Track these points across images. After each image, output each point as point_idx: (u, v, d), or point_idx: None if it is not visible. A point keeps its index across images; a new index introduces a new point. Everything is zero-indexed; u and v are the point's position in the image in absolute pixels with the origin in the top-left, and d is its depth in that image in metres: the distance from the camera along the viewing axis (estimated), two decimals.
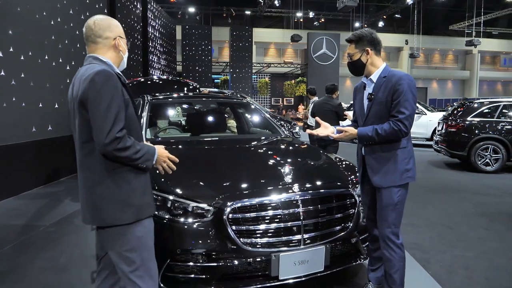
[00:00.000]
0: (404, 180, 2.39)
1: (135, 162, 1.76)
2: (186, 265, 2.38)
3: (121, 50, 1.92)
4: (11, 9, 5.61)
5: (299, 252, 2.46)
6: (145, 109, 4.09)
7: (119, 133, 1.68)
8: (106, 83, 1.70)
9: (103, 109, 1.67)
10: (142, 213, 1.84)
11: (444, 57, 36.46)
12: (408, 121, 2.28)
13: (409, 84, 2.30)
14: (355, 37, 2.43)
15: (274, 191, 2.53)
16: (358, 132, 2.36)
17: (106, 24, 1.87)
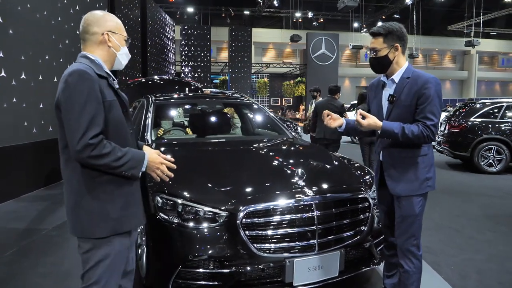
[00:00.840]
0: (424, 189, 2.25)
1: (116, 171, 1.60)
2: (198, 272, 2.31)
3: (112, 46, 1.74)
4: (12, 9, 5.52)
5: (313, 258, 2.40)
6: (149, 110, 4.01)
7: (92, 139, 1.52)
8: (80, 84, 1.56)
9: (76, 112, 1.53)
10: (120, 228, 1.66)
11: (442, 57, 36.52)
12: (436, 128, 2.14)
13: (436, 87, 2.14)
14: (384, 30, 2.18)
15: (287, 195, 2.47)
16: (382, 125, 2.14)
17: (94, 18, 1.73)
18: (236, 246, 2.32)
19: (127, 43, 1.83)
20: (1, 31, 5.27)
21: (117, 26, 1.77)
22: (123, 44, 1.80)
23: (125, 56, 1.83)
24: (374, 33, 2.22)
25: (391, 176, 2.29)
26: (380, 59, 2.22)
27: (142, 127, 3.78)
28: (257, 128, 4.79)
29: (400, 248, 2.31)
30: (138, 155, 1.67)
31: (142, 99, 4.59)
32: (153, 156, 1.73)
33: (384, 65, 2.24)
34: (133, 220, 1.73)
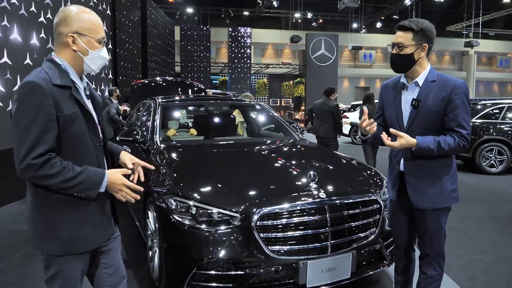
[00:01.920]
0: (450, 202, 2.14)
1: (67, 191, 1.47)
2: (212, 274, 2.32)
3: (78, 50, 1.55)
4: (15, 12, 5.52)
5: (326, 260, 2.42)
6: (157, 111, 4.02)
7: (35, 159, 1.39)
8: (28, 99, 1.41)
9: (21, 129, 1.40)
10: (73, 249, 1.55)
11: (441, 58, 36.57)
12: (470, 136, 2.02)
13: (466, 93, 2.02)
14: (417, 26, 2.00)
15: (301, 197, 2.49)
16: (417, 143, 1.98)
17: (63, 16, 1.54)
18: (250, 248, 2.33)
19: (102, 45, 1.62)
20: (5, 33, 5.27)
21: (88, 26, 1.56)
22: (93, 47, 1.58)
23: (96, 59, 1.61)
24: (404, 27, 2.03)
25: (415, 188, 2.13)
26: (404, 57, 2.04)
27: (151, 129, 3.78)
28: (263, 129, 4.81)
29: (427, 259, 2.24)
30: (96, 175, 1.52)
31: (148, 101, 4.60)
32: (114, 176, 1.56)
33: (407, 64, 2.06)
34: (88, 242, 1.59)
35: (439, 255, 2.22)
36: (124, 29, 10.74)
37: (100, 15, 8.57)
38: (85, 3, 7.81)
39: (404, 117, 2.13)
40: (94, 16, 1.61)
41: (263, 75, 31.63)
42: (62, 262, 1.55)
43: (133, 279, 3.08)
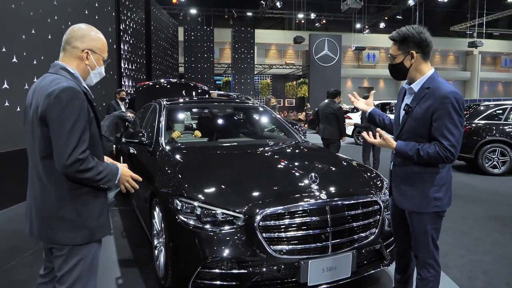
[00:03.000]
0: (431, 208, 2.13)
1: (97, 183, 1.71)
2: (216, 272, 2.40)
3: (89, 65, 1.81)
4: (24, 14, 5.63)
5: (327, 259, 2.48)
6: (162, 114, 4.10)
7: (81, 154, 1.61)
8: (73, 102, 1.62)
9: (67, 129, 1.60)
10: (95, 236, 1.77)
11: (444, 58, 36.50)
12: (455, 148, 1.99)
13: (456, 103, 1.97)
14: (399, 36, 2.08)
15: (302, 198, 2.56)
16: (396, 147, 2.10)
17: (81, 33, 1.78)
18: (253, 248, 2.41)
19: (104, 63, 1.89)
20: (15, 36, 5.37)
21: (100, 46, 1.83)
22: (100, 64, 1.85)
23: (98, 75, 1.88)
24: (390, 38, 2.15)
25: (397, 186, 2.24)
26: (397, 66, 2.14)
27: (156, 131, 3.87)
28: (266, 131, 4.88)
29: (418, 260, 2.28)
30: (114, 168, 1.78)
31: (153, 103, 4.68)
32: (125, 169, 1.85)
33: (401, 73, 2.15)
34: (104, 229, 1.83)
35: (428, 258, 2.23)
36: (129, 31, 10.85)
37: (105, 16, 8.68)
38: (91, 4, 7.92)
39: (400, 121, 2.22)
40: (104, 39, 1.87)
41: (267, 76, 31.69)
42: (86, 250, 1.75)
43: (139, 278, 3.17)
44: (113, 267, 3.38)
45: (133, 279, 3.16)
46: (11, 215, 5.03)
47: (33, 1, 5.88)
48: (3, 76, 5.14)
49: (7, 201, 5.29)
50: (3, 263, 3.47)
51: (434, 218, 2.18)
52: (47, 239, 1.75)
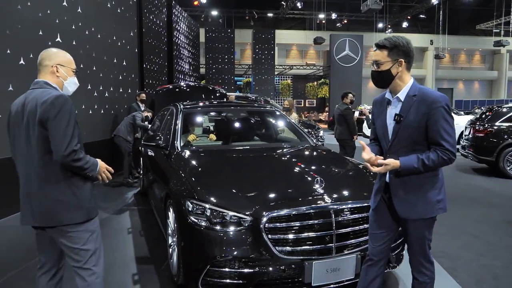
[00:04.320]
0: (435, 212, 2.16)
1: (84, 171, 2.10)
2: (224, 271, 2.53)
3: (60, 76, 2.19)
4: (50, 22, 5.93)
5: (331, 260, 2.58)
6: (178, 117, 4.28)
7: (75, 146, 2.02)
8: (65, 105, 2.02)
9: (63, 126, 1.99)
10: (91, 214, 2.18)
11: (470, 57, 35.63)
12: (454, 147, 2.05)
13: (445, 106, 2.05)
14: (390, 43, 2.12)
15: (307, 201, 2.66)
16: (401, 165, 2.07)
17: (46, 54, 2.20)
18: (259, 248, 2.53)
19: (75, 74, 2.28)
20: (41, 41, 5.68)
21: (66, 60, 2.23)
22: (70, 75, 2.24)
23: (73, 84, 2.28)
24: (379, 45, 2.17)
25: (399, 198, 2.18)
26: (383, 73, 2.15)
27: (172, 134, 4.04)
28: (280, 134, 4.99)
29: (414, 265, 2.29)
30: (95, 161, 2.17)
31: (171, 107, 4.87)
32: (101, 163, 2.23)
33: (386, 80, 2.16)
34: (95, 210, 2.23)
35: (426, 262, 2.26)
36: (151, 34, 11.12)
37: (127, 21, 8.97)
38: (112, 9, 8.20)
39: (389, 132, 2.20)
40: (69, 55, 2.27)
41: (287, 76, 31.71)
42: (90, 226, 2.17)
43: (154, 274, 3.34)
44: (130, 264, 3.56)
45: (148, 275, 3.33)
46: None
47: (59, 9, 6.18)
48: (30, 81, 5.42)
49: None
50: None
51: (431, 223, 2.21)
52: (52, 222, 2.09)
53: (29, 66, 5.38)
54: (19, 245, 4.04)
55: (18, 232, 4.36)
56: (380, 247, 2.33)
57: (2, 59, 4.94)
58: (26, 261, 3.59)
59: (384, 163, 2.09)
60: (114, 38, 8.25)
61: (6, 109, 4.93)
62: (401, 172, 2.10)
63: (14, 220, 4.91)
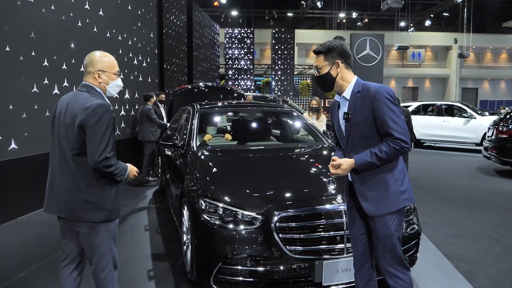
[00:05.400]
0: (401, 203, 2.11)
1: (114, 176, 2.21)
2: (236, 269, 2.58)
3: (102, 82, 2.29)
4: (72, 25, 6.11)
5: (342, 260, 2.59)
6: (195, 117, 4.35)
7: (109, 153, 2.13)
8: (105, 114, 2.14)
9: (100, 134, 2.11)
10: (111, 216, 2.26)
11: (497, 56, 34.62)
12: (404, 134, 2.03)
13: (387, 95, 2.06)
14: (324, 48, 2.19)
15: (319, 201, 2.68)
16: (356, 162, 2.08)
17: (89, 60, 2.29)
18: (270, 247, 2.56)
19: (118, 75, 2.37)
20: (64, 45, 5.85)
21: (107, 65, 2.31)
22: (112, 79, 2.33)
23: (115, 87, 2.37)
24: (315, 51, 2.24)
25: (363, 196, 2.15)
26: (323, 77, 2.21)
27: (188, 134, 4.11)
28: (296, 134, 5.01)
29: (384, 270, 2.17)
30: (125, 167, 2.28)
31: (188, 107, 4.94)
32: (131, 167, 2.35)
33: (328, 82, 2.22)
34: (117, 212, 2.32)
35: (396, 264, 2.14)
36: (171, 34, 11.29)
37: (147, 22, 9.13)
38: (133, 12, 8.37)
39: (343, 132, 2.23)
40: (111, 58, 2.35)
41: (307, 76, 31.59)
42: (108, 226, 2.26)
43: (169, 271, 3.41)
44: (146, 260, 3.65)
45: (163, 272, 3.41)
46: None
47: (82, 12, 6.36)
48: (53, 82, 5.61)
49: None
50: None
51: (398, 216, 2.14)
52: (74, 217, 2.22)
53: (53, 68, 5.56)
54: (45, 239, 4.18)
55: (44, 228, 4.53)
56: (361, 249, 2.29)
57: (27, 61, 5.13)
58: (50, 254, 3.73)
59: (338, 163, 2.12)
60: (135, 39, 8.42)
61: (30, 109, 5.20)
62: (358, 169, 2.10)
63: (37, 216, 5.10)
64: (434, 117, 12.55)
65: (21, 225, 4.79)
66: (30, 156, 5.15)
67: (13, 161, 4.91)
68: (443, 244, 4.10)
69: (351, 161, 2.09)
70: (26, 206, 5.15)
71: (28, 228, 4.66)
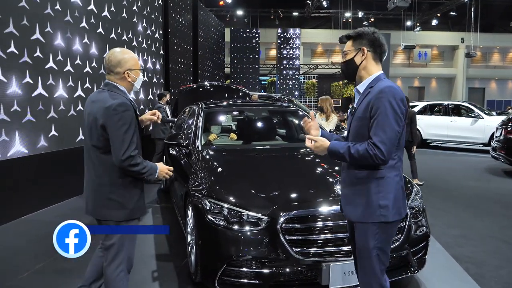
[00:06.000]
0: (376, 218, 1.90)
1: (142, 176, 2.21)
2: (241, 271, 2.54)
3: (131, 80, 2.28)
4: (79, 24, 6.11)
5: (349, 263, 2.52)
6: (200, 116, 4.31)
7: (132, 152, 2.12)
8: (125, 113, 2.13)
9: (122, 133, 2.10)
10: (133, 215, 2.26)
11: (504, 55, 34.26)
12: (385, 145, 1.82)
13: (391, 98, 1.86)
14: (354, 32, 2.06)
15: (325, 202, 2.63)
16: (329, 147, 1.98)
17: (117, 60, 2.24)
18: (276, 249, 2.52)
19: (141, 71, 2.36)
20: (69, 43, 5.85)
21: (133, 63, 2.28)
22: (138, 75, 2.32)
23: (139, 81, 2.35)
24: (345, 36, 2.12)
25: (345, 195, 2.07)
26: (347, 63, 2.07)
27: (193, 133, 4.08)
28: (302, 134, 4.94)
29: (360, 283, 2.06)
30: (154, 166, 2.27)
31: (193, 106, 4.91)
32: (162, 166, 2.33)
33: (350, 70, 2.06)
34: (141, 211, 2.34)
35: (373, 282, 1.96)
36: (176, 34, 11.27)
37: (153, 21, 9.12)
38: (139, 11, 8.36)
39: (349, 125, 2.12)
40: (134, 54, 2.33)
41: (312, 76, 31.48)
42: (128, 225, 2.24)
43: (173, 272, 3.38)
44: (149, 261, 3.62)
45: (167, 272, 3.37)
46: (63, 209, 5.47)
47: (86, 12, 6.35)
48: (57, 81, 5.61)
49: None
50: None
51: (378, 232, 1.92)
52: (98, 215, 2.25)
53: (59, 67, 5.55)
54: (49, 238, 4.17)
55: (48, 228, 4.52)
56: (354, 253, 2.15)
57: (33, 62, 5.12)
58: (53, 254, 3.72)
59: (313, 139, 2.04)
60: (140, 39, 8.41)
61: (35, 109, 5.18)
62: (328, 154, 2.00)
63: (40, 215, 5.09)
64: (441, 117, 12.44)
65: (25, 225, 4.79)
66: (34, 155, 5.15)
67: (15, 160, 4.90)
68: (450, 246, 4.04)
69: (326, 144, 1.99)
70: (26, 206, 5.12)
71: (31, 228, 4.65)
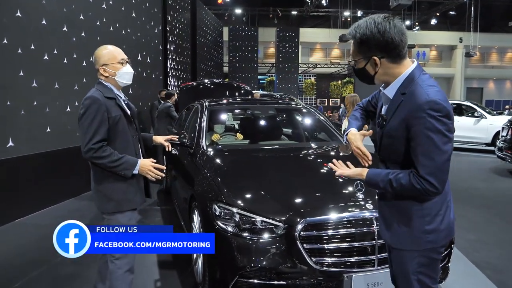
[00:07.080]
0: (421, 245, 1.59)
1: (112, 170, 2.16)
2: (254, 283, 2.31)
3: (110, 75, 2.27)
4: (74, 18, 5.86)
5: (373, 274, 2.32)
6: (204, 115, 4.08)
7: (94, 145, 2.11)
8: (91, 106, 2.14)
9: (86, 125, 2.13)
10: (122, 207, 2.26)
11: (502, 55, 34.26)
12: (435, 176, 1.46)
13: (434, 117, 1.44)
14: (354, 35, 1.60)
15: (346, 207, 2.41)
16: (366, 178, 1.68)
17: (94, 58, 2.30)
18: (293, 259, 2.29)
19: (124, 64, 2.31)
20: (66, 39, 5.60)
21: (109, 58, 2.27)
22: (117, 69, 2.28)
23: (124, 75, 2.32)
24: (347, 35, 1.71)
25: (382, 217, 1.74)
26: (359, 72, 1.67)
27: (197, 133, 3.84)
28: (309, 133, 4.73)
29: None
30: (132, 161, 2.21)
31: (196, 104, 4.68)
32: (144, 162, 2.25)
33: (366, 78, 1.68)
34: (131, 203, 2.29)
35: None
36: (175, 31, 11.04)
37: (152, 17, 8.89)
38: (138, 6, 8.12)
39: (377, 135, 1.72)
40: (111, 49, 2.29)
41: (311, 75, 31.32)
42: (114, 217, 2.25)
43: (177, 280, 3.15)
44: (152, 268, 3.39)
45: (171, 281, 3.15)
46: (60, 211, 5.24)
47: (84, 5, 6.10)
48: (54, 77, 5.36)
49: None
50: None
51: (424, 258, 1.61)
52: (97, 207, 2.33)
53: (53, 62, 5.30)
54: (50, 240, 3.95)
55: (48, 229, 4.29)
56: None
57: (26, 55, 4.87)
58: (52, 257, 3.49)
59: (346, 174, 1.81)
60: (139, 34, 8.17)
61: (29, 105, 4.94)
62: (365, 184, 1.76)
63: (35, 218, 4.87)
64: None
65: (22, 227, 4.57)
66: (31, 155, 4.92)
67: (13, 160, 4.67)
68: (469, 251, 3.84)
69: (363, 173, 1.70)
70: (26, 207, 4.91)
71: (28, 231, 4.42)
